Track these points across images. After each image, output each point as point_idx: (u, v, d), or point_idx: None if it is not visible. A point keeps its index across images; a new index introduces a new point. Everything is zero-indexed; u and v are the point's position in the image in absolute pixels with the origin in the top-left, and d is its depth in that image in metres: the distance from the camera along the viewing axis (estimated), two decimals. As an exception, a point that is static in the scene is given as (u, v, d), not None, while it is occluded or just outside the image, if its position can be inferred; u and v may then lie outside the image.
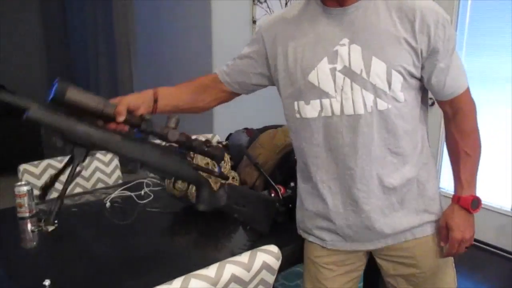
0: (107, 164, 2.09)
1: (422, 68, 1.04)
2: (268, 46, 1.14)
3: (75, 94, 0.89)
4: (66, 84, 0.89)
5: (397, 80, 1.01)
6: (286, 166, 1.56)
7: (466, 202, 1.11)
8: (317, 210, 1.17)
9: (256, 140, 1.71)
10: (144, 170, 1.10)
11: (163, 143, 1.08)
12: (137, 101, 1.03)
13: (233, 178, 1.68)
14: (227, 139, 1.97)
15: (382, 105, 1.02)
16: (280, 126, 1.74)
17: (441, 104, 1.12)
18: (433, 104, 1.32)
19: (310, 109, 1.07)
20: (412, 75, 1.03)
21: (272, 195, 1.48)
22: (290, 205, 1.48)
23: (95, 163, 2.05)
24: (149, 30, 3.49)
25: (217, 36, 2.85)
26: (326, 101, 1.04)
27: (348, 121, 1.03)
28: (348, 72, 1.01)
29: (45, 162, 1.93)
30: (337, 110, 1.04)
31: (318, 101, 1.05)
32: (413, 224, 1.13)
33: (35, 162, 1.91)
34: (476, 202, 1.12)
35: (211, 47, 2.85)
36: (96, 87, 3.92)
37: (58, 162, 1.96)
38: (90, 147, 0.94)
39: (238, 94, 1.27)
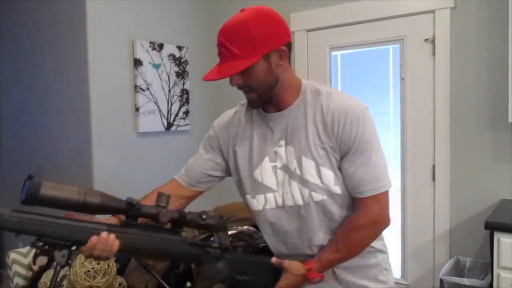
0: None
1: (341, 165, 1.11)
2: (222, 142, 1.23)
3: (50, 190, 0.86)
4: (38, 181, 0.85)
5: (327, 175, 1.10)
6: (180, 266, 1.41)
7: (313, 276, 1.13)
8: None
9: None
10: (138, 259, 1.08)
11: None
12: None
13: (119, 284, 1.46)
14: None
15: (317, 197, 1.11)
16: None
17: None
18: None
19: (256, 203, 1.17)
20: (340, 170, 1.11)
21: (166, 301, 1.31)
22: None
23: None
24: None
25: (97, 128, 2.67)
26: (270, 195, 1.16)
27: (291, 211, 1.14)
28: (286, 169, 1.14)
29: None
30: (279, 203, 1.15)
31: (262, 196, 1.16)
32: None
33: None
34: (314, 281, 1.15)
35: (91, 141, 2.65)
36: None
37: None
38: (72, 245, 0.89)
39: (196, 196, 1.27)
